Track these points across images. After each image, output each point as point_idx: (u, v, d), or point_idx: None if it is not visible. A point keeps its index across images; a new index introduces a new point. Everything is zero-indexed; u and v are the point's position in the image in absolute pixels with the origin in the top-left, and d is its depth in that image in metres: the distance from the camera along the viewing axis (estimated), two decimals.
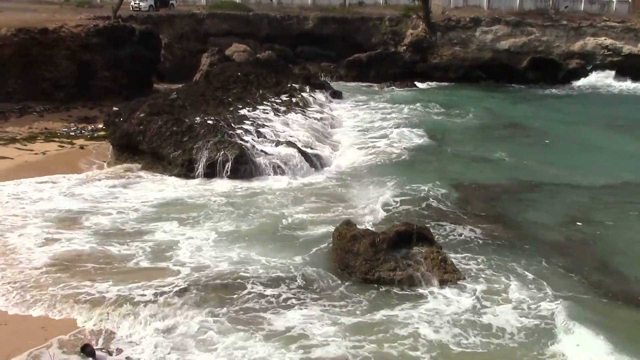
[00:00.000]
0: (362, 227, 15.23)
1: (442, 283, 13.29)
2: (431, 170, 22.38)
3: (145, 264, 14.08)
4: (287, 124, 25.82)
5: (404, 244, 14.09)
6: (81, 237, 15.26)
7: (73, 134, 26.54)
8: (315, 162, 22.19)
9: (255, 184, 19.94)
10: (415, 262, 13.73)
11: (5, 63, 29.85)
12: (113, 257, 14.32)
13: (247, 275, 13.44)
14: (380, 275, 13.47)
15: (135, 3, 45.44)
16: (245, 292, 12.75)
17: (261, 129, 23.82)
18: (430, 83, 46.95)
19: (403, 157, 24.40)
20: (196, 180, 20.11)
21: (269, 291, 12.81)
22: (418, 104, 36.00)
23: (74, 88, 31.65)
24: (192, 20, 46.13)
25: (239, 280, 13.19)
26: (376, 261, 13.63)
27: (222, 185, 19.76)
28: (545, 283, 13.50)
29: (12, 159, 22.02)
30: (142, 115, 22.71)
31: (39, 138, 25.28)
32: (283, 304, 12.43)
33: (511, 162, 24.31)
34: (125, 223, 16.41)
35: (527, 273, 13.96)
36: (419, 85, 45.98)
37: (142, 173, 21.08)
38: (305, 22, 49.09)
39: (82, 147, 24.15)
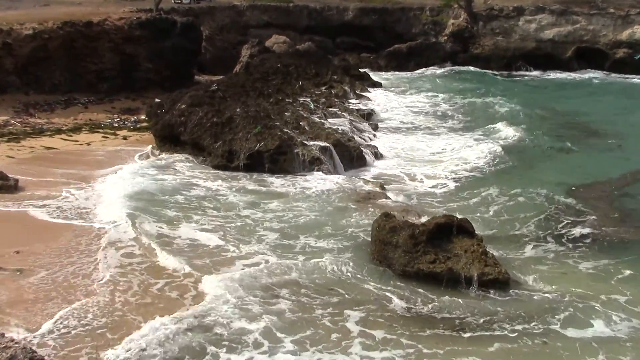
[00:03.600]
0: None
1: (482, 276, 13.09)
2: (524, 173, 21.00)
3: None
4: (327, 116, 25.73)
5: (444, 236, 13.92)
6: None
7: (116, 125, 27.07)
8: (360, 156, 21.98)
9: (293, 177, 19.84)
10: (455, 255, 13.56)
11: (51, 55, 30.57)
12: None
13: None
14: (420, 267, 13.35)
15: None
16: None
17: (301, 121, 23.81)
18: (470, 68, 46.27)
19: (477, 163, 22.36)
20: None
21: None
22: (466, 91, 35.47)
23: (117, 80, 32.26)
24: (233, 12, 46.54)
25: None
26: (415, 253, 13.49)
27: (259, 178, 19.75)
28: None
29: (58, 149, 22.55)
30: (183, 106, 23.00)
31: (83, 129, 25.88)
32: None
33: (617, 154, 23.49)
34: None
35: None
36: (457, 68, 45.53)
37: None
38: (345, 12, 48.96)
39: (125, 138, 24.58)
